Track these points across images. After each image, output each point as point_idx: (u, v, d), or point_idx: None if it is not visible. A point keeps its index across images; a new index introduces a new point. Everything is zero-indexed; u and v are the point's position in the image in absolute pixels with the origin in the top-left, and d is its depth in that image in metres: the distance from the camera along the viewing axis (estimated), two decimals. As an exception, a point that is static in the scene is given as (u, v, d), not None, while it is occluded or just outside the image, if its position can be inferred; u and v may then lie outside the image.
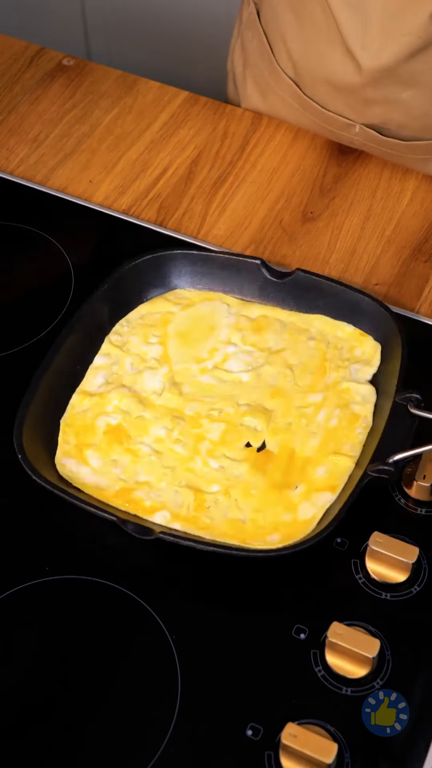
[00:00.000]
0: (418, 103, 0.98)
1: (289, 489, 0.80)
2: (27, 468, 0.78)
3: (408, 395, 0.80)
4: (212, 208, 1.04)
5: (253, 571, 0.77)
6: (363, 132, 1.03)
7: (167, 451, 0.83)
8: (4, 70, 1.19)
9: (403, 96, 0.98)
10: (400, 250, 1.01)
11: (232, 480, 0.81)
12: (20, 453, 0.79)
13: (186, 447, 0.83)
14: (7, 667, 0.74)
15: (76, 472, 0.82)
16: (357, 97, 1.00)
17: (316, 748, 0.66)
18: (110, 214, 1.03)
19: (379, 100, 0.99)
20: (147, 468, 0.82)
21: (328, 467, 0.81)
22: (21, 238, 1.01)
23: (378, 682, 0.71)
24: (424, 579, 0.77)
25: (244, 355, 0.89)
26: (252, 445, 0.83)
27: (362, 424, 0.83)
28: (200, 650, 0.73)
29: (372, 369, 0.87)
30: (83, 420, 0.85)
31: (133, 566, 0.78)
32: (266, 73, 1.09)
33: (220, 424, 0.84)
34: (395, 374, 0.82)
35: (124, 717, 0.71)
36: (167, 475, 0.81)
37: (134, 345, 0.89)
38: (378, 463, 0.77)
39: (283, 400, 0.85)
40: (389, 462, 0.76)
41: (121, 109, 1.15)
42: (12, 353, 0.91)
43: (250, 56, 1.13)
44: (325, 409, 0.84)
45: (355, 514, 0.78)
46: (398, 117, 1.00)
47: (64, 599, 0.76)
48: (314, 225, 1.03)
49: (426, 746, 0.69)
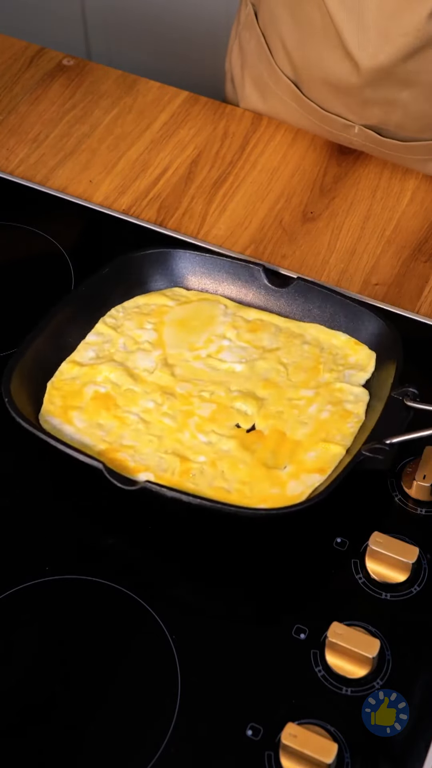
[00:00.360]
0: (416, 104, 0.98)
1: (277, 468, 0.80)
2: (13, 413, 0.78)
3: (404, 389, 0.80)
4: (212, 208, 1.04)
5: (255, 572, 0.77)
6: (362, 133, 1.03)
7: (155, 421, 0.82)
8: (4, 70, 1.19)
9: (402, 97, 0.98)
10: (400, 250, 1.01)
11: (220, 453, 0.80)
12: (7, 396, 0.79)
13: (175, 420, 0.82)
14: (7, 667, 0.74)
15: (59, 430, 0.81)
16: (355, 98, 1.00)
17: (316, 748, 0.66)
18: (110, 214, 1.03)
19: (377, 100, 0.99)
20: (133, 434, 0.81)
21: (318, 452, 0.80)
22: (21, 238, 1.01)
23: (378, 682, 0.71)
24: (424, 579, 0.76)
25: (239, 350, 0.89)
26: (241, 426, 0.83)
27: (354, 419, 0.82)
28: (200, 650, 0.73)
29: (366, 375, 0.86)
30: (71, 386, 0.84)
31: (134, 566, 0.78)
32: (265, 74, 1.09)
33: (211, 404, 0.84)
34: (389, 380, 0.82)
35: (124, 717, 0.71)
36: (153, 442, 0.81)
37: (128, 328, 0.89)
38: (374, 443, 0.76)
39: (275, 391, 0.85)
40: (385, 442, 0.76)
41: (121, 109, 1.15)
42: (12, 353, 0.91)
43: (248, 57, 1.13)
44: (317, 404, 0.84)
45: (355, 514, 0.78)
46: (397, 118, 1.00)
47: (64, 599, 0.76)
48: (314, 225, 1.03)
49: (426, 746, 0.69)
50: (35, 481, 0.82)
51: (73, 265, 0.97)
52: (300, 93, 1.06)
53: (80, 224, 1.03)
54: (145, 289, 0.92)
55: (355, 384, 0.85)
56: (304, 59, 1.03)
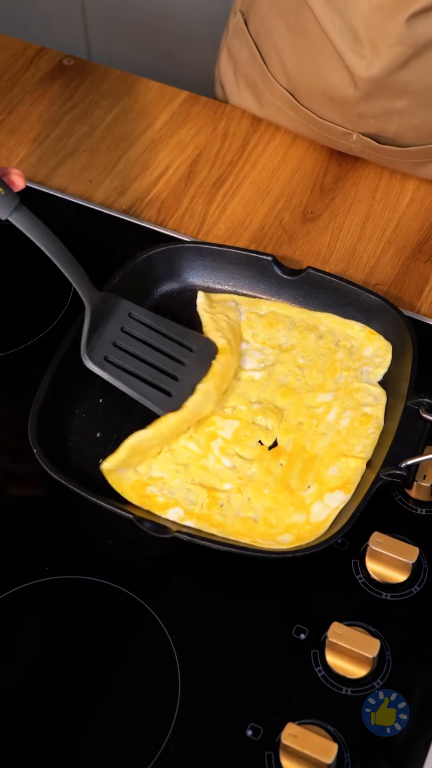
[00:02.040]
0: (412, 112, 0.98)
1: (301, 489, 0.80)
2: (43, 463, 0.78)
3: (419, 399, 0.80)
4: (212, 208, 1.04)
5: (255, 572, 0.77)
6: (360, 140, 1.03)
7: (181, 448, 0.83)
8: (4, 70, 1.19)
9: (398, 106, 0.98)
10: (401, 250, 1.01)
11: (245, 479, 0.81)
12: (35, 447, 0.78)
13: (199, 444, 0.83)
14: (7, 666, 0.74)
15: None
16: (352, 109, 1.00)
17: (316, 748, 0.66)
18: (110, 214, 1.03)
19: (374, 111, 0.99)
20: (161, 464, 0.82)
21: (339, 467, 0.81)
22: (21, 238, 1.01)
23: (378, 682, 0.71)
24: (424, 579, 0.77)
25: (256, 353, 0.89)
26: (264, 443, 0.83)
27: (374, 424, 0.83)
28: (200, 650, 0.73)
29: (383, 370, 0.87)
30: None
31: (133, 566, 0.78)
32: (259, 82, 1.09)
33: (233, 421, 0.84)
34: (406, 375, 0.82)
35: (124, 717, 0.71)
36: (180, 472, 0.81)
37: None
38: (391, 467, 0.77)
39: (293, 399, 0.86)
40: (402, 467, 0.77)
41: (122, 109, 1.15)
42: (12, 353, 0.91)
43: (240, 65, 1.12)
44: (336, 409, 0.84)
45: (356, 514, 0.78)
46: (394, 126, 1.00)
47: (64, 599, 0.76)
48: (314, 225, 1.03)
49: (426, 746, 0.69)
50: (35, 481, 0.82)
51: (74, 265, 0.97)
52: (296, 102, 1.05)
53: (80, 224, 1.03)
54: (156, 290, 0.92)
55: (372, 382, 0.86)
56: (301, 69, 1.02)
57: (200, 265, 0.93)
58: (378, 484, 0.77)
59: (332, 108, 1.02)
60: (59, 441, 0.82)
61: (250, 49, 1.08)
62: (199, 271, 0.93)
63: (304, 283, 0.91)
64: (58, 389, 0.83)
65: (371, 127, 1.01)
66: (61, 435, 0.83)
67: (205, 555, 0.77)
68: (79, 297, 0.85)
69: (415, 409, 0.80)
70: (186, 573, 0.78)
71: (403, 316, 0.87)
